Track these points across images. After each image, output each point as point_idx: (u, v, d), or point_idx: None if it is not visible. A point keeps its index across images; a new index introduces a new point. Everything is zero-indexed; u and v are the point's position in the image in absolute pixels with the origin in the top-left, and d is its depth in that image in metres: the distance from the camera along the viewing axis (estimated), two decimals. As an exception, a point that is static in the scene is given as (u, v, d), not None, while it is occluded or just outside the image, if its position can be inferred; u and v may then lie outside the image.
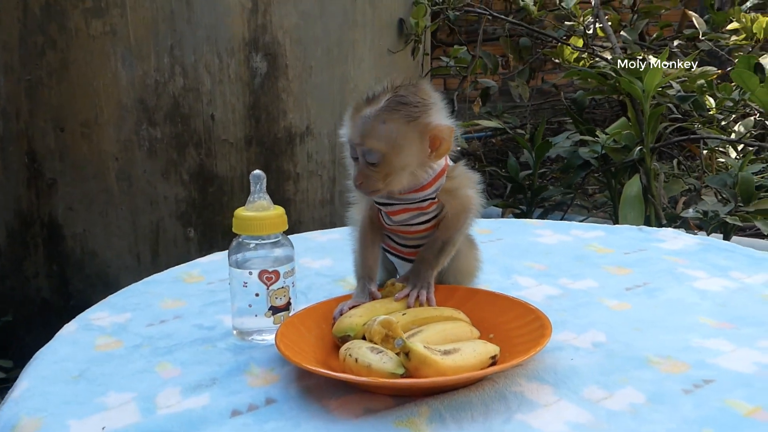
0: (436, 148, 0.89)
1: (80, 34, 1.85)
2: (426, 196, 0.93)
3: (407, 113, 0.87)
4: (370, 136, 0.87)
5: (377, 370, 0.77)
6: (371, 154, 0.87)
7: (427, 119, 0.88)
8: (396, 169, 0.88)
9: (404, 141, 0.87)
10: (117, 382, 0.86)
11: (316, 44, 2.04)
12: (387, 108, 0.88)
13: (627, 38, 2.72)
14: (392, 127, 0.87)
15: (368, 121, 0.88)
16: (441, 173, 0.93)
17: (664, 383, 0.78)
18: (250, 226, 0.94)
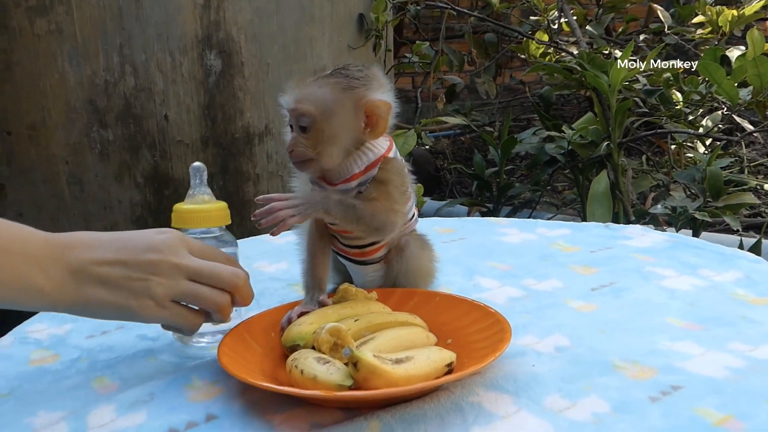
0: (373, 124, 0.86)
1: (24, 34, 1.77)
2: (357, 185, 0.88)
3: (344, 83, 0.85)
4: (302, 99, 0.85)
5: (323, 382, 0.71)
6: (302, 117, 0.85)
7: (365, 92, 0.86)
8: (326, 137, 0.85)
9: (336, 107, 0.85)
10: (48, 400, 0.80)
11: (272, 41, 1.98)
12: (325, 76, 0.86)
13: (593, 33, 2.70)
14: (326, 92, 0.85)
15: (304, 87, 0.86)
16: (375, 162, 0.88)
17: (630, 391, 0.73)
18: (188, 219, 0.89)
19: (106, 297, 0.77)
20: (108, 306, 0.77)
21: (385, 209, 0.89)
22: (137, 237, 0.79)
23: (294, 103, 0.85)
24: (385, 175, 0.89)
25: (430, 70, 2.64)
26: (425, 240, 1.00)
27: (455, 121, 2.30)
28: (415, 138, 2.05)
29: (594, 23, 2.75)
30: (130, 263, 0.77)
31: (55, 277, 0.74)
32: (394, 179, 0.90)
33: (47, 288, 0.74)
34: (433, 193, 3.46)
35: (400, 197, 0.91)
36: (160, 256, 0.77)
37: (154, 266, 0.77)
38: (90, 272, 0.76)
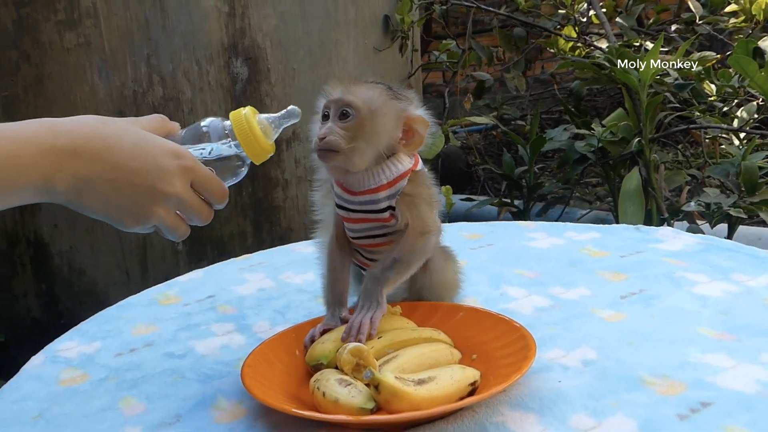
0: (409, 138, 0.88)
1: (54, 47, 1.79)
2: (386, 198, 0.87)
3: (391, 93, 0.88)
4: (351, 92, 0.85)
5: (345, 405, 0.71)
6: (348, 107, 0.84)
7: (407, 106, 0.88)
8: (365, 134, 0.84)
9: (381, 110, 0.86)
10: (77, 423, 0.81)
11: (297, 46, 1.98)
12: (373, 81, 0.89)
13: (623, 25, 2.65)
14: (375, 93, 0.86)
15: (353, 83, 0.87)
16: (404, 175, 0.88)
17: (658, 408, 0.72)
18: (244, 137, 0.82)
19: (104, 209, 0.76)
20: (101, 214, 0.77)
21: (418, 234, 0.88)
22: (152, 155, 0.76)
23: (342, 93, 0.85)
24: (414, 188, 0.89)
25: (457, 68, 2.62)
26: (449, 251, 0.99)
27: (482, 120, 2.28)
28: (443, 139, 2.04)
29: (624, 15, 2.70)
30: (142, 187, 0.76)
31: (60, 184, 0.72)
32: (423, 192, 0.90)
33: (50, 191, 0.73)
34: (464, 189, 3.44)
35: (430, 211, 0.90)
36: (169, 188, 0.77)
37: (161, 196, 0.77)
38: (99, 187, 0.74)
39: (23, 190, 0.71)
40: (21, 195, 0.72)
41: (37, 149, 0.71)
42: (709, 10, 2.56)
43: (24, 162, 0.70)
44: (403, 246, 0.88)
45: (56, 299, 1.99)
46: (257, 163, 0.86)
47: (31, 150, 0.70)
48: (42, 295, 2.00)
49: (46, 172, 0.71)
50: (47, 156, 0.71)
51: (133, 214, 0.77)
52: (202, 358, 0.94)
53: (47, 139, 0.72)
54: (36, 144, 0.71)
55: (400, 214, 0.88)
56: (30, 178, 0.70)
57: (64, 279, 1.96)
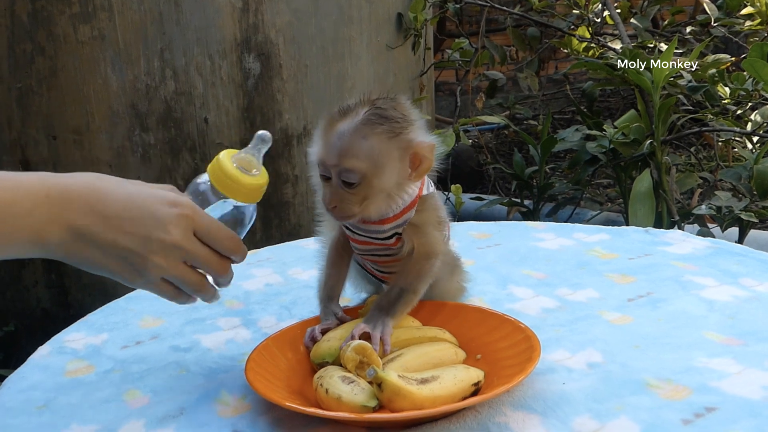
0: (417, 167, 0.82)
1: (68, 40, 1.80)
2: (392, 229, 0.85)
3: (389, 128, 0.79)
4: (348, 154, 0.78)
5: (348, 403, 0.71)
6: (350, 174, 0.78)
7: (409, 135, 0.81)
8: (375, 191, 0.80)
9: (386, 159, 0.79)
10: (82, 413, 0.81)
11: (310, 42, 1.98)
12: (367, 122, 0.79)
13: (638, 26, 2.64)
14: (374, 143, 0.78)
15: (346, 138, 0.79)
16: (412, 204, 0.84)
17: (662, 412, 0.72)
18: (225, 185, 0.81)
19: (102, 261, 0.75)
20: (101, 268, 0.77)
21: (424, 259, 0.86)
22: (147, 205, 0.76)
23: (337, 159, 0.79)
24: (421, 217, 0.85)
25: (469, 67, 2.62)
26: (455, 261, 0.97)
27: (494, 119, 2.28)
28: (454, 137, 2.04)
29: (639, 16, 2.69)
30: (136, 237, 0.75)
31: (53, 236, 0.72)
32: (431, 217, 0.87)
33: (44, 243, 0.73)
34: (475, 188, 3.44)
35: (437, 234, 0.87)
36: (166, 237, 0.75)
37: (158, 245, 0.75)
38: (92, 237, 0.74)
39: (18, 240, 0.71)
40: (16, 246, 0.72)
41: (32, 200, 0.71)
42: (724, 12, 2.55)
43: (20, 211, 0.70)
44: (410, 272, 0.85)
45: (66, 291, 2.00)
46: (253, 202, 0.84)
47: (26, 201, 0.71)
48: (52, 287, 2.01)
49: (39, 224, 0.71)
50: (40, 207, 0.71)
51: (131, 266, 0.76)
52: (207, 352, 0.94)
53: (41, 190, 0.72)
54: (31, 195, 0.72)
55: (407, 240, 0.85)
56: (24, 229, 0.71)
57: (74, 271, 1.96)
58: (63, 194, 0.73)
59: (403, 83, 2.36)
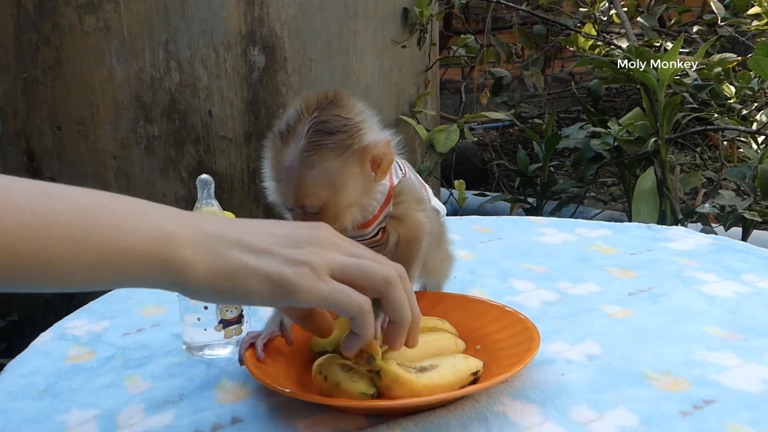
0: (378, 166, 0.77)
1: (74, 31, 1.80)
2: (375, 229, 0.83)
3: (338, 144, 0.73)
4: (303, 192, 0.73)
5: (346, 390, 0.71)
6: (311, 207, 0.74)
7: (362, 142, 0.75)
8: (342, 208, 0.76)
9: (344, 177, 0.74)
10: (82, 398, 0.82)
11: (315, 36, 1.98)
12: (311, 146, 0.72)
13: (644, 25, 2.63)
14: (325, 169, 0.73)
15: (294, 172, 0.73)
16: (387, 201, 0.82)
17: (660, 403, 0.72)
18: None
19: (254, 264, 0.60)
20: (257, 276, 0.61)
21: (412, 242, 0.84)
22: (283, 224, 0.66)
23: (293, 201, 0.74)
24: (400, 207, 0.83)
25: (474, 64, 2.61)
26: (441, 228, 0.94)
27: (498, 116, 2.27)
28: (458, 133, 2.04)
29: (646, 14, 2.68)
30: (280, 236, 0.63)
31: (185, 242, 0.59)
32: (410, 205, 0.84)
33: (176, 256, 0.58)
34: (479, 186, 3.43)
35: (421, 214, 0.85)
36: (315, 232, 0.65)
37: (308, 238, 0.64)
38: (233, 238, 0.61)
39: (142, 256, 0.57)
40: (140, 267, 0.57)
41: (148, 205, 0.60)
42: (731, 12, 2.54)
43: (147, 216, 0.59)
44: (400, 258, 0.83)
45: (69, 281, 2.01)
46: None
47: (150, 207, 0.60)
48: (55, 277, 2.01)
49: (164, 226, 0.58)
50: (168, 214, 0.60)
51: (290, 260, 0.62)
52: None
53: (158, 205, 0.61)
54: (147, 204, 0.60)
55: (392, 231, 0.84)
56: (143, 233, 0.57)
57: (77, 261, 1.97)
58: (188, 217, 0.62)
59: (408, 78, 2.36)
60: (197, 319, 0.88)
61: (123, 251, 0.56)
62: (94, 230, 0.56)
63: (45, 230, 0.54)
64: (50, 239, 0.54)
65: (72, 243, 0.55)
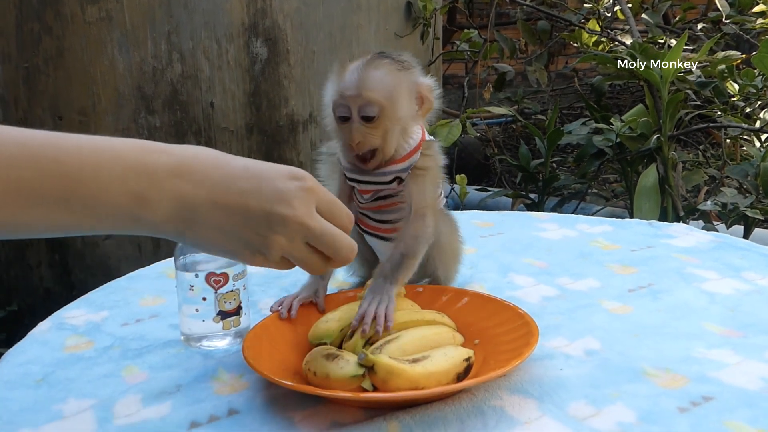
0: (421, 106, 0.88)
1: (76, 20, 1.80)
2: (398, 172, 0.88)
3: (397, 64, 0.85)
4: (366, 86, 0.82)
5: (337, 379, 0.71)
6: (369, 107, 0.83)
7: (413, 75, 0.87)
8: (393, 123, 0.84)
9: (399, 91, 0.84)
10: (79, 388, 0.81)
11: (318, 29, 1.97)
12: (377, 57, 0.85)
13: (648, 21, 2.62)
14: (386, 75, 0.84)
15: (361, 71, 0.83)
16: (417, 147, 0.89)
17: (658, 400, 0.71)
18: None
19: (218, 240, 0.65)
20: (217, 248, 0.67)
21: (419, 218, 0.88)
22: (267, 177, 0.65)
23: (356, 90, 0.83)
24: (425, 162, 0.89)
25: (477, 58, 2.60)
26: (453, 221, 0.99)
27: (501, 111, 2.27)
28: (460, 128, 2.03)
29: (650, 11, 2.68)
30: (254, 213, 0.64)
31: (161, 211, 0.62)
32: (433, 167, 0.90)
33: (151, 219, 0.62)
34: (481, 182, 3.43)
35: (432, 188, 0.90)
36: (289, 212, 0.64)
37: (279, 222, 0.65)
38: (204, 214, 0.63)
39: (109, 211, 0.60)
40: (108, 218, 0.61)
41: (128, 164, 0.61)
42: (736, 9, 2.53)
43: (111, 176, 0.60)
44: (407, 236, 0.87)
45: (69, 270, 2.01)
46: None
47: (120, 164, 0.60)
48: (55, 266, 2.01)
49: (139, 192, 0.61)
50: (140, 173, 0.61)
51: (250, 245, 0.66)
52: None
53: (140, 155, 0.62)
54: (128, 158, 0.61)
55: (407, 187, 0.88)
56: (117, 198, 0.60)
57: (78, 251, 1.98)
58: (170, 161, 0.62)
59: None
60: (195, 311, 0.88)
61: (98, 214, 0.61)
62: (73, 197, 0.59)
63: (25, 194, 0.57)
64: (28, 203, 0.58)
65: (48, 209, 0.59)
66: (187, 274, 0.88)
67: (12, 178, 0.56)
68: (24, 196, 0.57)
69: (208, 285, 0.87)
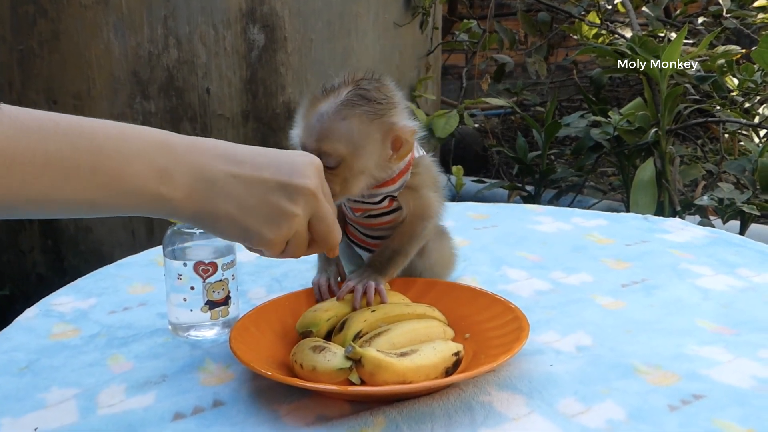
0: (397, 149, 0.81)
1: (72, 3, 1.78)
2: (388, 193, 0.85)
3: (371, 110, 0.78)
4: (327, 137, 0.77)
5: (324, 371, 0.70)
6: (328, 157, 0.77)
7: (391, 118, 0.80)
8: (355, 172, 0.79)
9: (366, 141, 0.78)
10: (63, 376, 0.81)
11: (316, 16, 1.96)
12: (348, 103, 0.77)
13: (649, 14, 2.61)
14: (353, 125, 0.77)
15: (325, 119, 0.77)
16: (406, 168, 0.85)
17: (648, 397, 0.71)
18: None
19: (236, 217, 0.65)
20: (235, 225, 0.66)
21: (419, 220, 0.87)
22: (281, 153, 0.68)
23: (315, 142, 0.78)
24: (418, 179, 0.86)
25: (476, 49, 2.59)
26: (443, 230, 0.97)
27: (499, 102, 2.25)
28: (457, 119, 2.02)
29: (651, 4, 2.66)
30: (272, 184, 0.65)
31: (182, 186, 0.62)
32: (427, 179, 0.88)
33: (172, 196, 0.62)
34: (479, 172, 3.42)
35: (434, 195, 0.88)
36: (306, 181, 0.66)
37: (297, 192, 0.66)
38: (224, 188, 0.64)
39: (132, 187, 0.60)
40: (130, 195, 0.61)
41: (149, 140, 0.61)
42: (737, 4, 2.51)
43: (134, 150, 0.60)
44: (403, 234, 0.87)
45: (62, 256, 2.00)
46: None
47: (143, 140, 0.61)
48: (48, 252, 2.00)
49: (161, 166, 0.61)
50: (161, 149, 0.61)
51: (271, 219, 0.66)
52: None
53: (160, 134, 0.63)
54: (149, 136, 0.62)
55: (403, 203, 0.86)
56: (140, 171, 0.60)
57: (71, 237, 1.97)
58: (185, 139, 0.63)
59: (409, 62, 2.33)
60: (183, 300, 0.87)
61: (122, 189, 0.60)
62: (99, 170, 0.59)
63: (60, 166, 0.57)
64: (62, 176, 0.58)
65: (79, 183, 0.59)
66: (175, 262, 0.87)
67: (51, 151, 0.57)
68: (59, 169, 0.58)
69: (196, 274, 0.86)
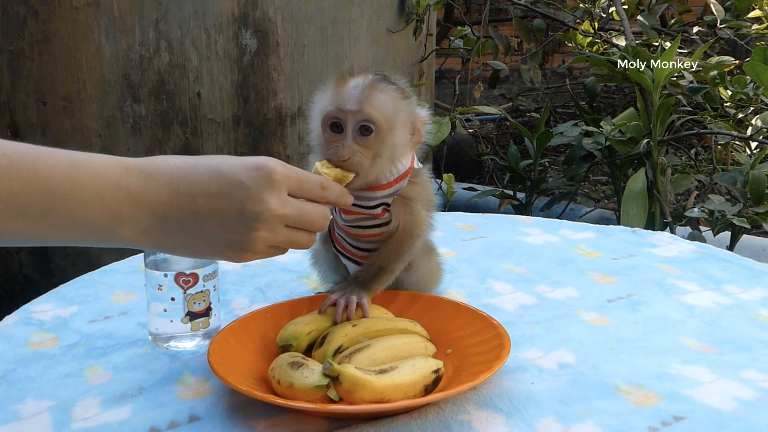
0: (413, 137, 0.85)
1: (63, 5, 1.77)
2: (383, 198, 0.85)
3: (400, 92, 0.83)
4: (368, 103, 0.79)
5: (300, 388, 0.69)
6: (368, 124, 0.79)
7: (412, 105, 0.84)
8: (386, 147, 0.81)
9: (398, 118, 0.81)
10: (39, 388, 0.80)
11: (309, 22, 1.95)
12: (383, 80, 0.81)
13: (644, 23, 2.60)
14: (390, 100, 0.81)
15: (366, 88, 0.79)
16: (405, 174, 0.85)
17: (629, 418, 0.70)
18: None
19: (199, 247, 0.68)
20: (200, 254, 0.70)
21: (407, 236, 0.87)
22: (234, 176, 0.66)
23: (357, 105, 0.79)
24: (412, 190, 0.86)
25: (470, 56, 2.58)
26: (431, 245, 0.97)
27: (490, 110, 2.25)
28: (449, 126, 2.01)
29: (646, 13, 2.65)
30: (228, 214, 0.66)
31: (138, 226, 0.64)
32: (422, 194, 0.88)
33: (128, 235, 0.64)
34: (472, 179, 3.41)
35: (425, 212, 0.88)
36: (261, 207, 0.66)
37: (255, 219, 0.66)
38: (181, 222, 0.65)
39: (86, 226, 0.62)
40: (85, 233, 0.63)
41: (104, 181, 0.63)
42: (732, 14, 2.51)
43: (89, 193, 0.62)
44: (390, 250, 0.87)
45: (49, 258, 1.98)
46: None
47: (98, 181, 0.62)
48: (35, 253, 1.99)
49: (115, 209, 0.63)
50: (116, 191, 0.63)
51: (233, 246, 0.68)
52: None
53: (118, 172, 0.64)
54: (105, 175, 0.63)
55: (395, 215, 0.86)
56: (94, 214, 0.62)
57: (59, 239, 1.95)
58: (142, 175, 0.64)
59: (403, 68, 2.33)
60: (163, 310, 0.86)
61: (75, 230, 0.63)
62: (51, 213, 0.61)
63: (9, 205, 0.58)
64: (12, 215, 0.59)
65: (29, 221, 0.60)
66: (156, 272, 0.86)
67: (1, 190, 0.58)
68: (8, 207, 0.58)
69: (177, 285, 0.85)
